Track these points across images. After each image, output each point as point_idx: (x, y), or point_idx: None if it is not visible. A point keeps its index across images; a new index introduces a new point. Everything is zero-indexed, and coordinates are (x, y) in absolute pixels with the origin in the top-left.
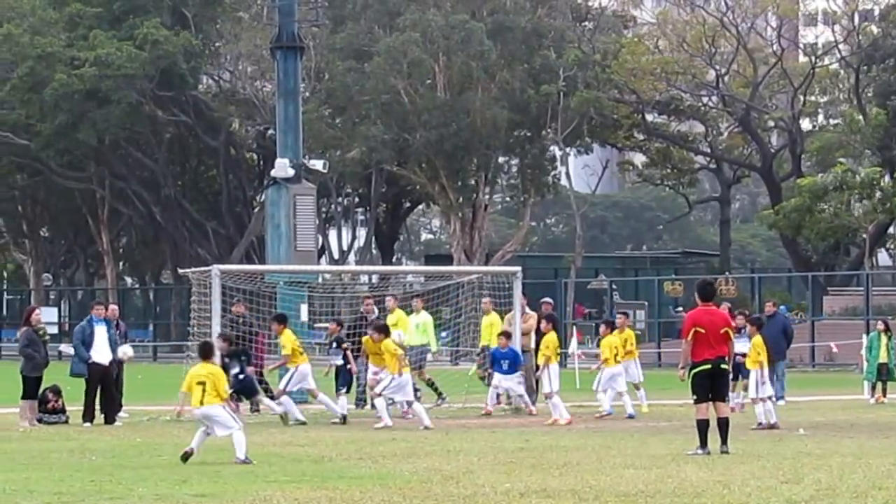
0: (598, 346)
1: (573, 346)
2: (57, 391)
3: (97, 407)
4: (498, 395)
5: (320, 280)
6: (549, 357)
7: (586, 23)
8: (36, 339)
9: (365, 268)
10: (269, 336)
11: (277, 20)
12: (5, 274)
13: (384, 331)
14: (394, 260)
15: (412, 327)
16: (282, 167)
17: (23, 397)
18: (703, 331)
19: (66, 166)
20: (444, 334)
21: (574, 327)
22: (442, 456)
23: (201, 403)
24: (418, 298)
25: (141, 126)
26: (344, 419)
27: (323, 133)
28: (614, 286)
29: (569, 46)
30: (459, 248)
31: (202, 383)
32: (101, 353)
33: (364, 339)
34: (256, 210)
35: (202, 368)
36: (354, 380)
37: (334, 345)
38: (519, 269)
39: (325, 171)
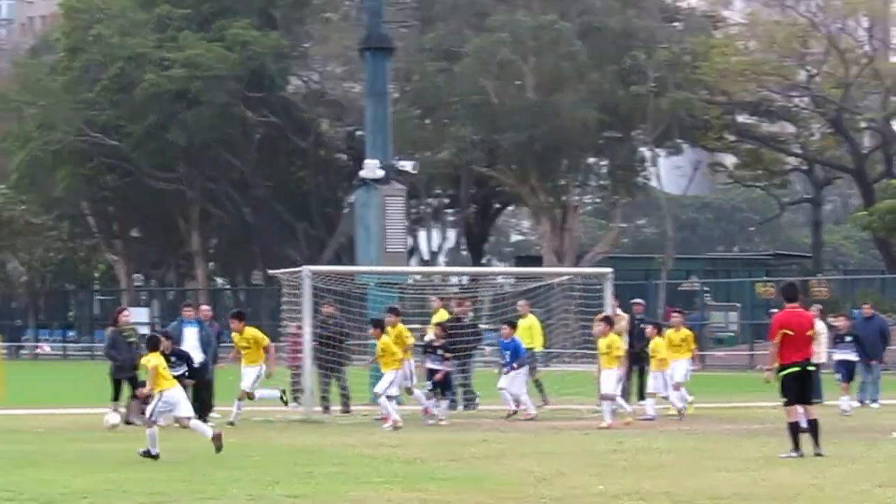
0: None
1: None
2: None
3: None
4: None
5: (410, 281)
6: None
7: (676, 23)
8: (120, 341)
9: (455, 269)
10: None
11: (366, 21)
12: (96, 275)
13: (379, 325)
14: (483, 261)
15: (519, 330)
16: (371, 168)
17: (111, 399)
18: (791, 333)
19: (156, 167)
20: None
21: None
22: (534, 458)
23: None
24: (524, 302)
25: (231, 127)
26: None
27: (412, 134)
28: (706, 288)
29: (658, 47)
30: (550, 249)
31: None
32: (192, 353)
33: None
34: (346, 211)
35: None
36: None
37: (438, 351)
38: (610, 270)
39: (415, 172)
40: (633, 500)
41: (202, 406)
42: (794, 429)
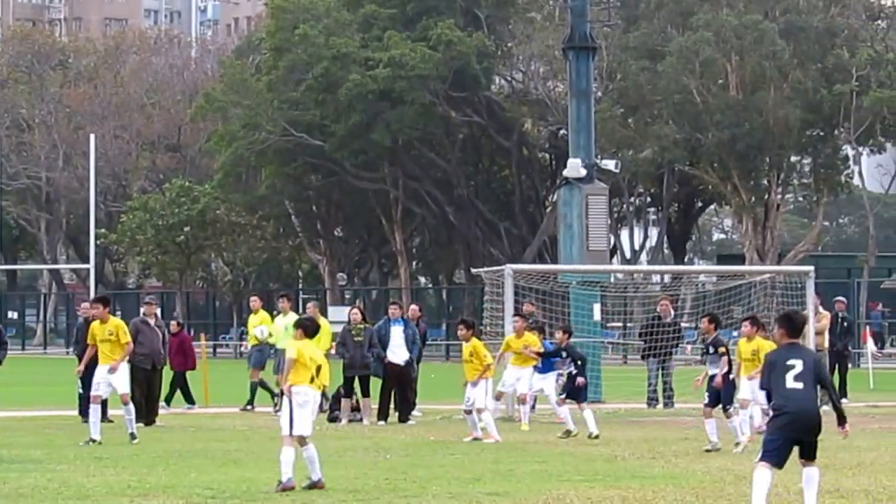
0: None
1: (869, 345)
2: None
3: (391, 406)
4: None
5: (612, 280)
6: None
7: (879, 21)
8: (349, 339)
9: (657, 267)
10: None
11: (570, 20)
12: (300, 274)
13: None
14: (686, 259)
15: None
16: (574, 167)
17: (344, 395)
18: None
19: (359, 167)
20: (735, 334)
21: (868, 327)
22: (733, 455)
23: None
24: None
25: (434, 127)
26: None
27: (615, 133)
28: None
29: (862, 45)
30: (752, 247)
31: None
32: (397, 353)
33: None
34: (549, 210)
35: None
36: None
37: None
38: (812, 268)
39: (618, 170)
40: (833, 497)
41: (405, 405)
42: None
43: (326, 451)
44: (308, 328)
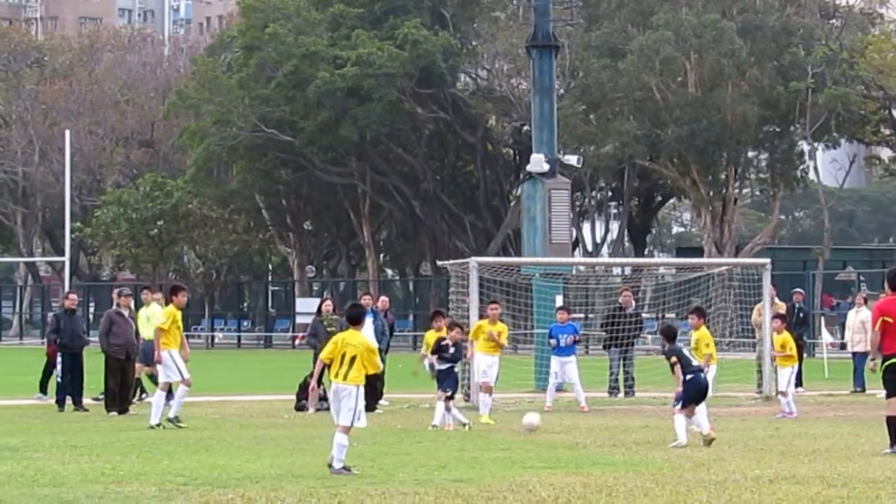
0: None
1: (824, 335)
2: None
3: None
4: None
5: (574, 272)
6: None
7: (834, 20)
8: (320, 330)
9: (618, 260)
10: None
11: (533, 20)
12: (270, 266)
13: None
14: (646, 252)
15: None
16: (537, 162)
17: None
18: (890, 320)
19: (328, 162)
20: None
21: (823, 318)
22: (693, 444)
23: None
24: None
25: (401, 123)
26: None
27: (577, 129)
28: (861, 277)
29: (817, 44)
30: (710, 240)
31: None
32: None
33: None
34: (513, 204)
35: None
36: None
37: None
38: (768, 260)
39: (580, 165)
40: (788, 483)
41: (373, 394)
42: (893, 423)
43: (294, 438)
44: (351, 317)
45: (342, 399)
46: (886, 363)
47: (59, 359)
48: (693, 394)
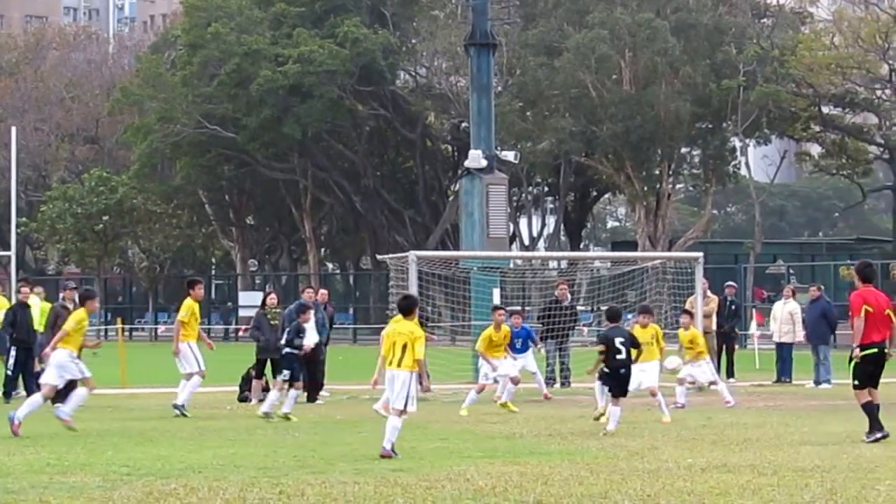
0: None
1: (753, 327)
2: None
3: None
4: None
5: (512, 266)
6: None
7: (765, 20)
8: (264, 322)
9: (554, 254)
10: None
11: (471, 19)
12: (213, 260)
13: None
14: (581, 246)
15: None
16: (475, 158)
17: (255, 377)
18: (871, 310)
19: (271, 158)
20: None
21: (754, 310)
22: (627, 433)
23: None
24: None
25: (342, 120)
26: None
27: (515, 125)
28: (791, 271)
29: (749, 42)
30: (644, 234)
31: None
32: (308, 335)
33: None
34: (451, 199)
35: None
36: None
37: None
38: (701, 254)
39: (517, 161)
40: (720, 472)
41: (314, 386)
42: (870, 408)
43: (237, 429)
44: (403, 307)
45: (396, 384)
46: (864, 353)
47: (12, 352)
48: (615, 386)
